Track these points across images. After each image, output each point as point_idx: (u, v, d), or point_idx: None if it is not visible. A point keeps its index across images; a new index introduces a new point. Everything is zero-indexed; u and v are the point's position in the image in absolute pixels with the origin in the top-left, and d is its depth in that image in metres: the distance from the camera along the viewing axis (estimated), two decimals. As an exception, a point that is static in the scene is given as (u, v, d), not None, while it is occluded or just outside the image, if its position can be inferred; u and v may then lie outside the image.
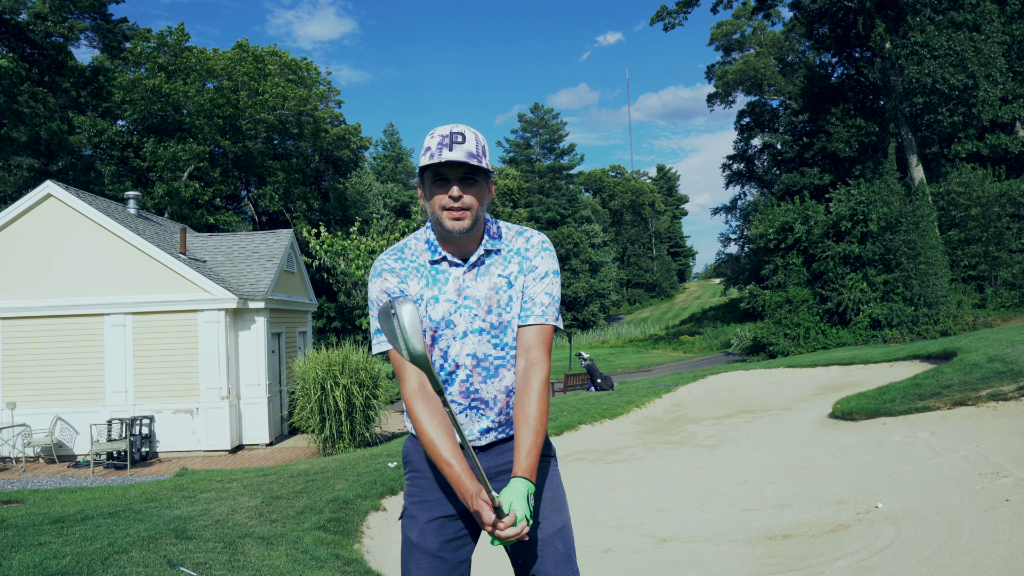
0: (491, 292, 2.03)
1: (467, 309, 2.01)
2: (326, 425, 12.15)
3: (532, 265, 2.07)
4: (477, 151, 1.95)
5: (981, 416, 7.40)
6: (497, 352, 2.03)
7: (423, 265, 2.05)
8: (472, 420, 2.06)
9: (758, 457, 7.99)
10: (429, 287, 2.03)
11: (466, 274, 2.03)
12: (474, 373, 2.03)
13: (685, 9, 37.93)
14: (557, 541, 2.05)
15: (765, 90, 50.01)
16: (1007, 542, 4.21)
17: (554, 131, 76.86)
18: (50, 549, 4.54)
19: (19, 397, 13.27)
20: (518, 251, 2.08)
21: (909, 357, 13.94)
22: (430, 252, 2.05)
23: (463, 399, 2.04)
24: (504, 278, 2.05)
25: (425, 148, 1.98)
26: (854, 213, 25.21)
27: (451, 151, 1.92)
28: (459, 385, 2.03)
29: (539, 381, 1.97)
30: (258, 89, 36.58)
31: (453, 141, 1.93)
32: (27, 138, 28.32)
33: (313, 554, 4.72)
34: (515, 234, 2.11)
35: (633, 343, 48.46)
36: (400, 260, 2.07)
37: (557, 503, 2.10)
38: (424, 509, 2.06)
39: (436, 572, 2.01)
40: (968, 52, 28.10)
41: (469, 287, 2.03)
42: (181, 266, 13.42)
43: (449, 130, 1.96)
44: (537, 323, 2.03)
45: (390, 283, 2.03)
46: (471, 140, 1.95)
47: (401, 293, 2.02)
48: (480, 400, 2.04)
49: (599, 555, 5.14)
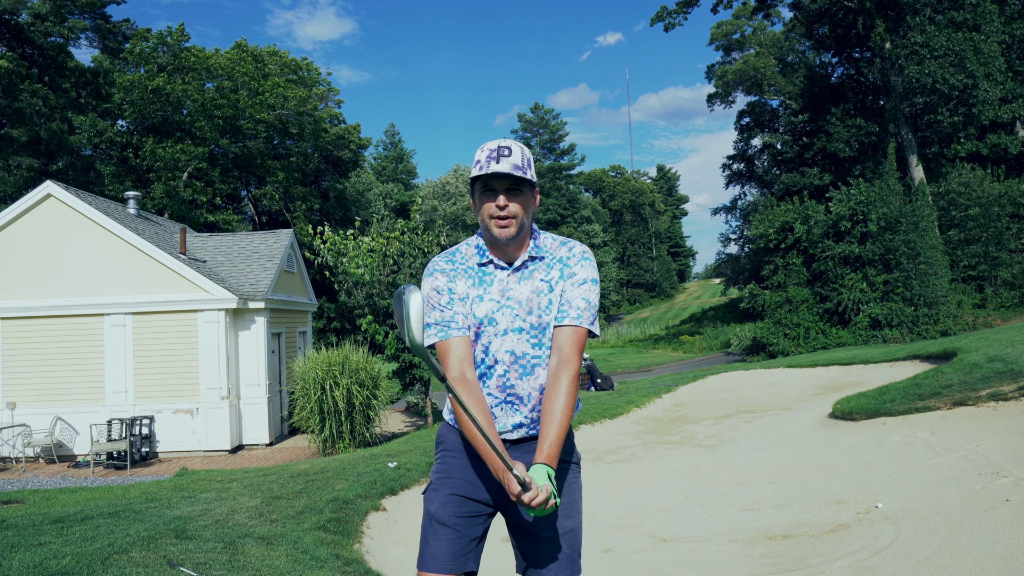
0: (533, 295, 2.17)
1: (509, 309, 2.16)
2: (326, 425, 12.15)
3: (572, 271, 2.21)
4: (522, 163, 2.13)
5: (981, 416, 7.40)
6: (535, 351, 2.17)
7: (471, 267, 2.23)
8: (506, 414, 2.20)
9: (758, 457, 7.99)
10: (475, 287, 2.20)
11: (510, 276, 2.19)
12: (511, 369, 2.17)
13: (685, 9, 37.93)
14: (564, 542, 2.19)
15: (765, 90, 50.01)
16: (1007, 542, 4.21)
17: (554, 131, 76.89)
18: (50, 549, 4.54)
19: (19, 397, 13.27)
20: (561, 259, 2.23)
21: (909, 357, 13.93)
22: (479, 255, 2.23)
23: (499, 393, 2.19)
24: (546, 283, 2.19)
25: (476, 161, 2.16)
26: (854, 213, 25.21)
27: (498, 163, 2.10)
28: (496, 380, 2.18)
29: (568, 378, 2.09)
30: (258, 89, 36.57)
31: (500, 155, 2.11)
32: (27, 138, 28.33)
33: (313, 554, 4.72)
34: (559, 244, 2.27)
35: (633, 343, 48.45)
36: (451, 262, 2.25)
37: (572, 508, 2.24)
38: (449, 485, 2.22)
39: (451, 543, 2.16)
40: (968, 52, 28.10)
41: (512, 288, 2.18)
42: (181, 266, 13.42)
43: (497, 144, 2.14)
44: (572, 324, 2.16)
45: (439, 281, 2.21)
46: (517, 154, 2.14)
47: (449, 292, 2.19)
48: (515, 396, 2.18)
49: (599, 555, 5.14)
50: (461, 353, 2.15)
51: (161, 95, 33.00)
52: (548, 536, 2.18)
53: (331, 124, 46.57)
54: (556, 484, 2.10)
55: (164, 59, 35.26)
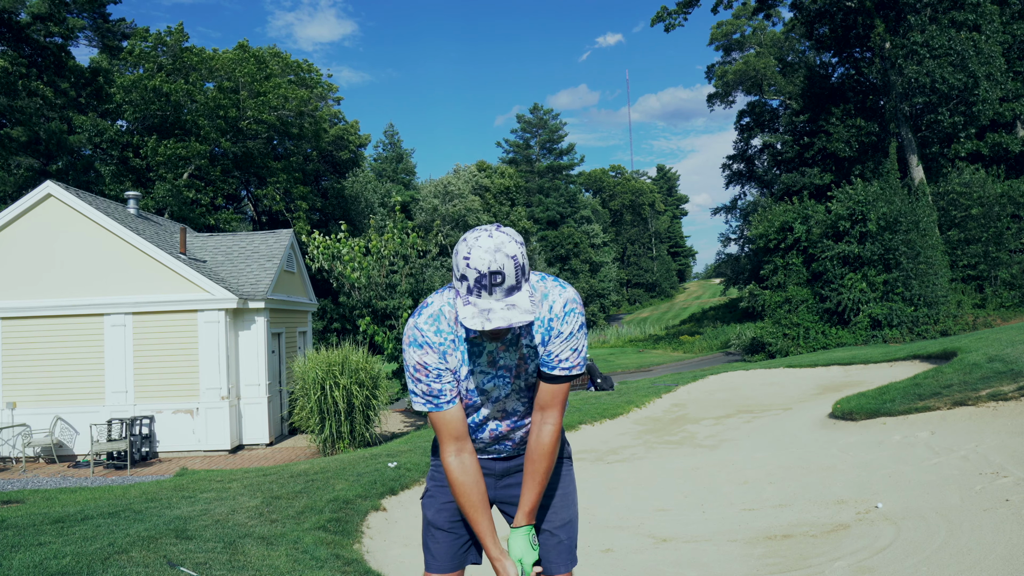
0: (520, 361, 2.13)
1: (501, 379, 2.14)
2: (326, 425, 12.15)
3: (558, 331, 2.07)
4: (517, 279, 1.88)
5: (981, 416, 7.40)
6: (526, 408, 2.22)
7: (459, 338, 2.08)
8: (495, 446, 2.29)
9: (758, 457, 7.99)
10: (464, 363, 2.10)
11: (499, 347, 2.10)
12: (503, 424, 2.23)
13: (685, 10, 37.92)
14: (561, 533, 2.27)
15: (765, 90, 50.00)
16: (1007, 542, 4.21)
17: (553, 131, 76.86)
18: (50, 549, 4.54)
19: (19, 397, 13.27)
20: (543, 320, 2.06)
21: (909, 357, 13.92)
22: (464, 328, 2.06)
23: (491, 439, 2.26)
24: (531, 348, 2.10)
25: (460, 275, 1.88)
26: (852, 213, 25.20)
27: (490, 295, 1.86)
28: (489, 433, 2.24)
29: (550, 438, 2.11)
30: (260, 89, 36.57)
31: (492, 284, 1.85)
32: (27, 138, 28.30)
33: (313, 554, 4.72)
34: (540, 299, 2.06)
35: (633, 343, 48.44)
36: (439, 334, 2.08)
37: (567, 500, 2.31)
38: (444, 492, 2.29)
39: (450, 545, 2.27)
40: (968, 51, 28.09)
41: (502, 357, 2.11)
42: (181, 266, 13.42)
43: (487, 267, 1.84)
44: (556, 375, 2.08)
45: (430, 358, 2.06)
46: (510, 275, 1.86)
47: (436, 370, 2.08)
48: (506, 439, 2.28)
49: (599, 555, 5.14)
50: (455, 429, 2.12)
51: (161, 95, 32.98)
52: (546, 529, 2.25)
53: (330, 123, 46.57)
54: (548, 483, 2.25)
55: (164, 59, 35.24)
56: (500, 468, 2.33)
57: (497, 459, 2.32)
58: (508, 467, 2.33)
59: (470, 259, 1.85)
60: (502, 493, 2.34)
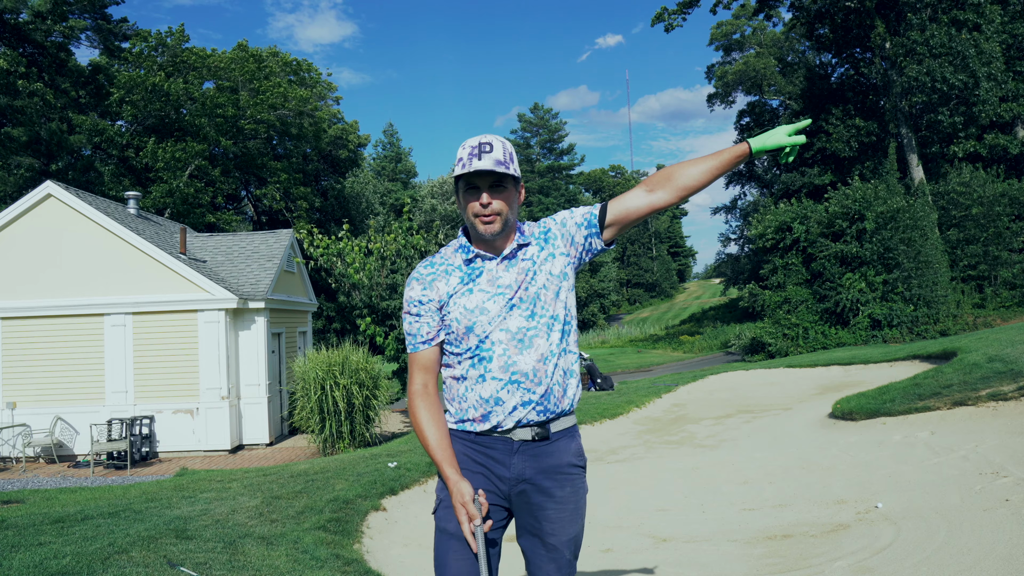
0: (520, 275, 2.20)
1: (501, 296, 2.18)
2: (326, 425, 12.15)
3: (553, 221, 2.31)
4: (505, 158, 2.12)
5: (981, 416, 7.40)
6: (530, 323, 2.17)
7: (457, 267, 2.23)
8: (512, 395, 2.16)
9: (758, 457, 7.99)
10: (463, 283, 2.20)
11: (498, 266, 2.21)
12: (510, 346, 2.15)
13: (685, 10, 37.93)
14: (567, 549, 2.23)
15: (765, 90, 50.00)
16: (1007, 542, 4.21)
17: (553, 131, 76.84)
18: (50, 549, 4.54)
19: (19, 397, 13.27)
20: (535, 235, 2.27)
21: (909, 357, 13.92)
22: (464, 253, 2.23)
23: (503, 374, 2.15)
24: (528, 260, 2.22)
25: (458, 159, 2.15)
26: (849, 212, 25.18)
27: (480, 160, 2.09)
28: (498, 360, 2.16)
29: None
30: (259, 89, 36.55)
31: (482, 151, 2.10)
32: (27, 138, 28.30)
33: (313, 554, 4.72)
34: (537, 226, 2.33)
35: (633, 343, 48.43)
36: (430, 266, 2.27)
37: (576, 515, 2.26)
38: None
39: (470, 556, 2.11)
40: (969, 51, 28.09)
41: (501, 276, 2.20)
42: (181, 266, 13.42)
43: (478, 141, 2.13)
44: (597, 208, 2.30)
45: (415, 291, 2.24)
46: (499, 149, 2.12)
47: (419, 302, 2.23)
48: (519, 373, 2.15)
49: (599, 555, 5.14)
50: (426, 364, 2.24)
51: (160, 94, 32.97)
52: (554, 543, 2.20)
53: (330, 124, 46.55)
54: (564, 488, 2.21)
55: (164, 60, 35.23)
56: (531, 468, 2.18)
57: (526, 442, 2.17)
58: (543, 467, 2.18)
59: (465, 143, 2.15)
60: (528, 520, 2.22)
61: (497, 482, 2.19)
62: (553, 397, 2.18)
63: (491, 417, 2.16)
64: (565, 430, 2.24)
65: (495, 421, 2.16)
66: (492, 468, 2.19)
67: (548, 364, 2.16)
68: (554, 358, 2.17)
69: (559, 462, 2.21)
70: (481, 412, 2.17)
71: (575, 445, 2.27)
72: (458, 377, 2.21)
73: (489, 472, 2.19)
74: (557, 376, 2.18)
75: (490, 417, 2.16)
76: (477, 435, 2.20)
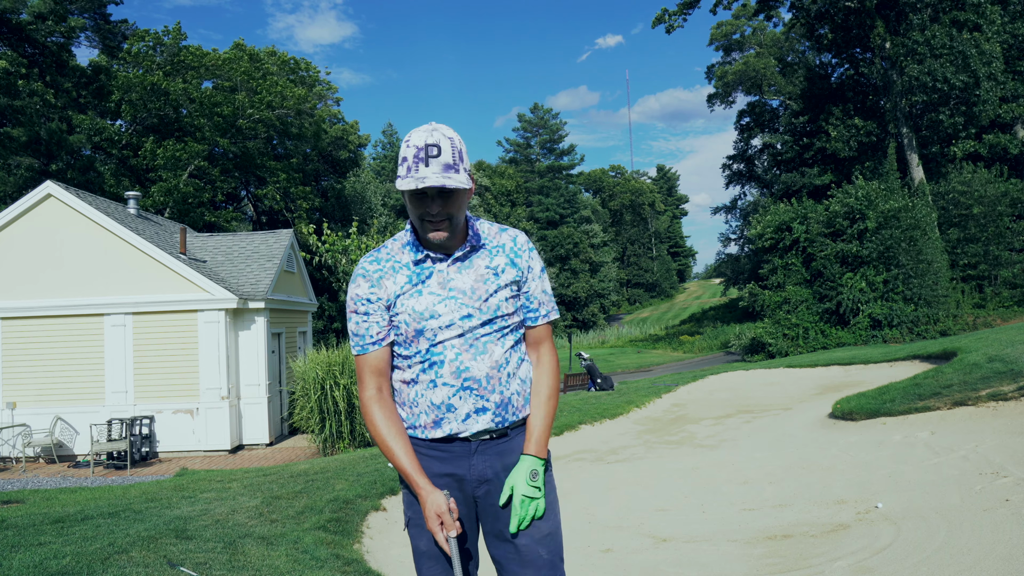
0: (478, 283, 2.07)
1: (453, 300, 2.05)
2: (326, 425, 12.15)
3: (528, 266, 2.16)
4: (453, 159, 1.95)
5: (981, 416, 7.40)
6: (484, 329, 2.06)
7: (405, 265, 2.09)
8: (465, 401, 2.05)
9: (758, 457, 7.99)
10: (412, 283, 2.07)
11: (450, 267, 2.08)
12: (463, 351, 2.04)
13: (685, 10, 37.97)
14: (541, 548, 2.07)
15: (765, 90, 50.00)
16: (1007, 542, 4.21)
17: (554, 131, 76.85)
18: (50, 549, 4.54)
19: (19, 397, 13.27)
20: (502, 247, 2.14)
21: (909, 357, 13.93)
22: (413, 251, 2.09)
23: (455, 380, 2.04)
24: (491, 269, 2.10)
25: (401, 158, 1.97)
26: (850, 211, 25.19)
27: (427, 166, 1.92)
28: (449, 365, 2.04)
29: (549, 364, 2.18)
30: (256, 88, 36.54)
31: (428, 155, 1.93)
32: (27, 138, 28.30)
33: (313, 554, 4.72)
34: (497, 231, 2.18)
35: (633, 343, 48.45)
36: (376, 262, 2.12)
37: (548, 511, 2.11)
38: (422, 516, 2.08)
39: (444, 568, 2.08)
40: (970, 51, 28.10)
41: (453, 279, 2.07)
42: (181, 266, 13.42)
43: (424, 141, 1.94)
44: (543, 323, 2.20)
45: (361, 288, 2.10)
46: (446, 150, 1.94)
47: (367, 301, 2.09)
48: (472, 379, 2.04)
49: (599, 555, 5.14)
50: (377, 367, 2.10)
51: (159, 93, 32.97)
52: (525, 543, 2.05)
53: (329, 123, 46.53)
54: (542, 480, 2.07)
55: (162, 59, 35.21)
56: (484, 468, 2.09)
57: (481, 441, 2.08)
58: (498, 467, 2.09)
59: (410, 139, 1.96)
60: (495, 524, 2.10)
61: (460, 485, 2.10)
62: (512, 407, 2.09)
63: (443, 424, 2.06)
64: (522, 427, 2.15)
65: (448, 429, 2.06)
66: (453, 473, 2.09)
67: (503, 372, 2.07)
68: (508, 366, 2.08)
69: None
70: (433, 418, 2.06)
71: None
72: (408, 381, 2.10)
73: (450, 477, 2.09)
74: (515, 385, 2.10)
75: (442, 424, 2.06)
76: (432, 441, 2.09)
